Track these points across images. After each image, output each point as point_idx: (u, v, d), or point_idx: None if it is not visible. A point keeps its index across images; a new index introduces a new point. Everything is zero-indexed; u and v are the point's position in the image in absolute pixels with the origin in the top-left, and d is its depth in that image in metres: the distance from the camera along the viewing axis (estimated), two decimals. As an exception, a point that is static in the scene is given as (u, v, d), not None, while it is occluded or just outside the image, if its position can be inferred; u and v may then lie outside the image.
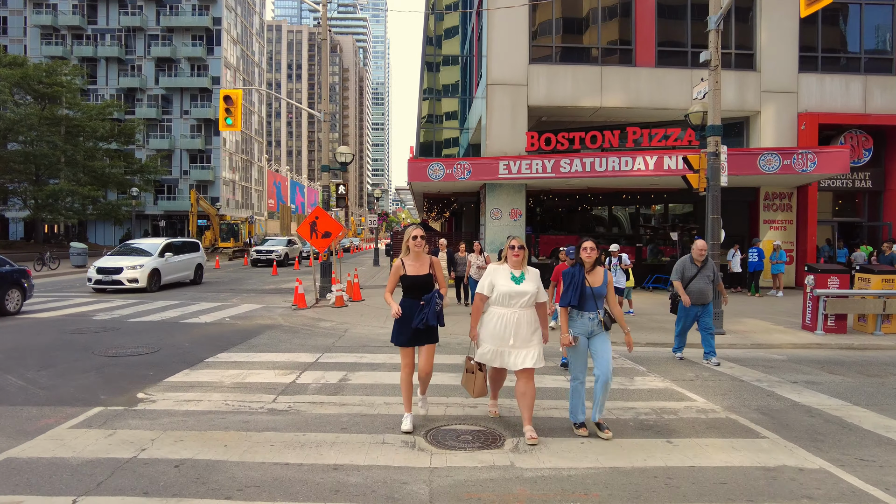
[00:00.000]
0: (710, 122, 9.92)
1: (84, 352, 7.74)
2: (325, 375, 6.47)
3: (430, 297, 4.55)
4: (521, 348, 4.35)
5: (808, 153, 14.65)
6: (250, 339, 8.89)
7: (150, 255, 16.51)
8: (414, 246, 4.54)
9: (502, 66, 17.21)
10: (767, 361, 7.86)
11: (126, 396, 5.53)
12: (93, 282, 15.62)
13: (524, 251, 4.48)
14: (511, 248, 4.49)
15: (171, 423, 4.73)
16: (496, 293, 4.39)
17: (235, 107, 14.64)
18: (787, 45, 17.58)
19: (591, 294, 4.54)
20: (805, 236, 17.44)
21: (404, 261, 4.60)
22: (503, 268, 4.50)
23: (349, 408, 5.21)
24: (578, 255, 4.63)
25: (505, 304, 4.37)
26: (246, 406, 5.25)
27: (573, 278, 4.56)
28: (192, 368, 6.84)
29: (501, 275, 4.44)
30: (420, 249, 4.56)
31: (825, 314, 9.76)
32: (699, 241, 7.28)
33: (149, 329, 9.85)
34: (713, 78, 9.83)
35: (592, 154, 15.57)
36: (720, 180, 9.87)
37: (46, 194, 34.78)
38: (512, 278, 4.41)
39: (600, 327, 4.60)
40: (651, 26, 17.61)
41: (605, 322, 4.60)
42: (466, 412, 5.12)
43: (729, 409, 5.43)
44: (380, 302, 14.01)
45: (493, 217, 17.07)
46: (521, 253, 4.45)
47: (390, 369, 6.77)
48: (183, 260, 17.94)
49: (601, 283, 4.59)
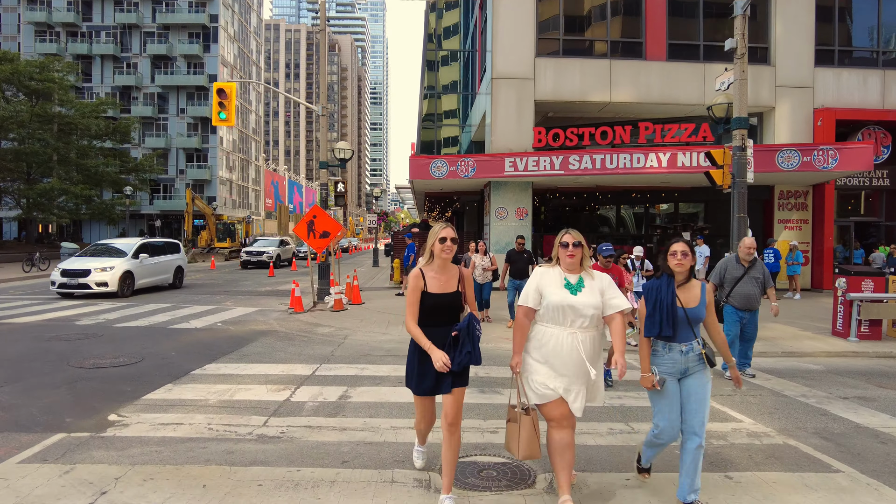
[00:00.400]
0: (735, 115, 9.27)
1: (58, 363, 7.04)
2: (322, 392, 5.79)
3: (465, 324, 3.24)
4: (580, 386, 3.16)
5: (830, 149, 14.01)
6: (242, 348, 8.21)
7: (123, 257, 15.07)
8: (442, 252, 3.27)
9: (508, 59, 16.55)
10: (805, 372, 7.21)
11: (95, 419, 4.84)
12: (56, 285, 14.17)
13: (581, 249, 3.21)
14: (563, 246, 3.22)
15: (142, 454, 4.05)
16: (546, 305, 3.17)
17: (229, 101, 13.95)
18: (803, 39, 16.94)
19: (684, 318, 3.27)
20: (821, 236, 16.80)
21: (425, 273, 3.32)
22: (554, 271, 3.26)
23: (351, 434, 4.53)
24: (665, 262, 3.36)
25: (559, 322, 3.14)
26: (232, 431, 4.56)
27: (658, 295, 3.30)
28: (176, 383, 6.15)
29: (551, 280, 3.21)
30: (449, 257, 3.32)
31: (859, 319, 9.12)
32: (747, 239, 6.48)
33: (134, 335, 9.16)
34: (739, 67, 9.18)
35: (603, 150, 14.91)
36: (747, 177, 9.21)
37: (37, 193, 34.00)
38: (567, 286, 3.17)
39: (700, 364, 3.31)
40: (662, 19, 16.96)
41: (708, 356, 3.30)
42: (486, 439, 4.44)
43: (783, 431, 4.77)
44: (381, 305, 13.34)
45: (498, 216, 16.41)
46: (576, 252, 3.19)
47: (395, 383, 6.10)
48: (160, 262, 16.51)
49: (698, 303, 3.31)
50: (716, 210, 17.69)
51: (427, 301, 3.29)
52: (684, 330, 3.28)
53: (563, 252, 3.23)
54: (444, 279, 3.33)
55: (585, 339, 3.13)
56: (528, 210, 16.36)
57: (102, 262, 14.56)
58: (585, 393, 3.17)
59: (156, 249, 16.53)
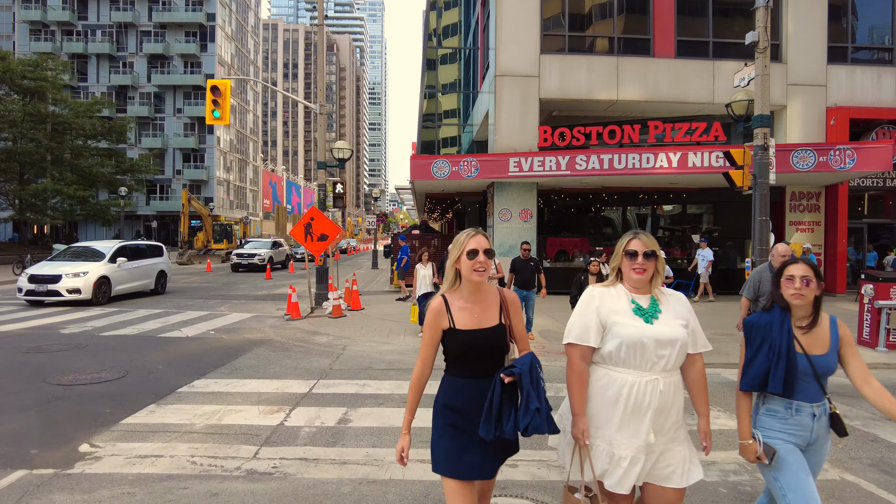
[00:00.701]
0: (757, 112, 8.77)
1: (33, 379, 6.51)
2: (320, 414, 5.27)
3: (527, 366, 2.20)
4: (666, 447, 2.28)
5: (847, 149, 13.53)
6: (235, 360, 7.69)
7: (99, 260, 13.83)
8: (474, 271, 2.29)
9: (511, 55, 16.04)
10: (838, 387, 6.67)
11: (65, 450, 4.31)
12: (23, 293, 12.93)
13: (655, 261, 2.34)
14: (629, 256, 2.35)
15: (111, 498, 3.52)
16: (614, 342, 2.28)
17: (224, 98, 13.43)
18: (816, 36, 16.46)
19: (809, 370, 2.33)
20: (834, 239, 16.32)
21: (450, 302, 2.34)
22: (615, 292, 2.39)
23: (352, 469, 4.01)
24: (777, 289, 2.43)
25: (632, 364, 2.26)
26: (218, 466, 4.04)
27: (767, 335, 2.37)
28: (160, 403, 5.63)
29: (616, 305, 2.34)
30: (484, 277, 2.33)
31: (888, 328, 8.62)
32: (780, 245, 5.93)
33: (121, 345, 8.63)
34: (761, 62, 8.69)
35: (610, 150, 14.41)
36: (769, 177, 8.71)
37: (30, 194, 33.41)
38: (638, 311, 2.31)
39: (827, 430, 2.43)
40: (670, 15, 16.46)
41: (841, 421, 2.41)
42: (533, 475, 3.91)
43: (836, 463, 4.26)
44: (381, 311, 12.82)
45: (502, 218, 15.89)
46: (648, 266, 2.32)
47: (399, 403, 5.58)
48: (141, 266, 15.30)
49: (827, 349, 2.37)
50: (724, 212, 17.23)
51: (456, 342, 2.27)
52: (809, 384, 2.34)
53: (628, 264, 2.35)
54: (478, 309, 2.32)
55: (668, 384, 2.24)
56: (532, 212, 15.85)
57: (75, 267, 13.33)
58: (659, 462, 2.28)
59: (136, 253, 15.45)
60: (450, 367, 2.36)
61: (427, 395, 2.43)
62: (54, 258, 14.45)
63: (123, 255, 14.54)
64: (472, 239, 2.31)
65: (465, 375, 2.30)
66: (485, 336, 2.28)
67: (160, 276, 16.27)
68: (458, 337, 2.27)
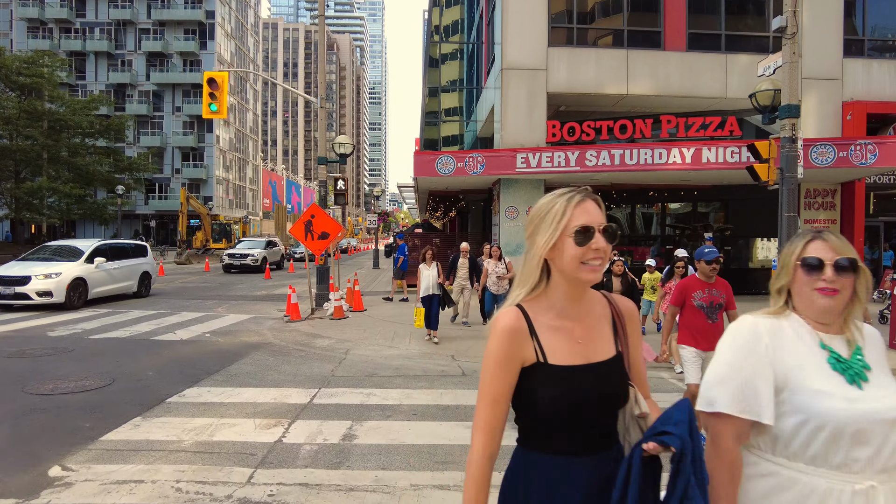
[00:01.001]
0: (784, 102, 8.27)
1: (11, 388, 6.01)
2: (322, 428, 4.77)
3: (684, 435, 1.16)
4: None
5: (868, 144, 13.03)
6: (230, 366, 7.19)
7: (75, 261, 12.72)
8: (589, 264, 1.26)
9: (518, 48, 15.53)
10: None
11: (32, 475, 3.81)
12: None
13: (852, 278, 1.34)
14: (809, 270, 1.36)
15: (80, 535, 3.03)
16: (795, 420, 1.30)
17: (221, 92, 12.97)
18: (831, 28, 15.95)
19: None
20: (850, 237, 15.79)
21: (532, 317, 1.32)
22: (792, 326, 1.39)
23: (359, 497, 3.51)
24: None
25: (831, 463, 1.26)
26: (206, 494, 3.54)
27: None
28: (146, 415, 5.13)
29: (798, 352, 1.35)
30: (598, 274, 1.28)
31: (923, 331, 8.14)
32: None
33: (110, 349, 8.14)
34: (789, 49, 8.18)
35: (622, 146, 13.93)
36: (797, 171, 8.21)
37: (25, 192, 32.89)
38: (836, 365, 1.32)
39: None
40: (681, 7, 15.96)
41: None
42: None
43: None
44: (385, 312, 12.33)
45: (509, 216, 15.38)
46: (843, 285, 1.33)
47: (408, 415, 5.07)
48: (123, 267, 14.15)
49: None
50: (736, 209, 16.75)
51: (550, 388, 1.26)
52: None
53: (810, 282, 1.37)
54: (580, 330, 1.33)
55: (890, 491, 1.26)
56: (540, 210, 15.34)
57: (47, 268, 12.14)
58: None
59: (118, 252, 14.31)
60: (530, 436, 1.33)
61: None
62: (26, 257, 13.39)
63: (102, 255, 13.42)
64: (578, 208, 1.30)
65: (565, 451, 1.28)
66: (598, 376, 1.29)
67: (144, 278, 15.15)
68: (552, 379, 1.27)
